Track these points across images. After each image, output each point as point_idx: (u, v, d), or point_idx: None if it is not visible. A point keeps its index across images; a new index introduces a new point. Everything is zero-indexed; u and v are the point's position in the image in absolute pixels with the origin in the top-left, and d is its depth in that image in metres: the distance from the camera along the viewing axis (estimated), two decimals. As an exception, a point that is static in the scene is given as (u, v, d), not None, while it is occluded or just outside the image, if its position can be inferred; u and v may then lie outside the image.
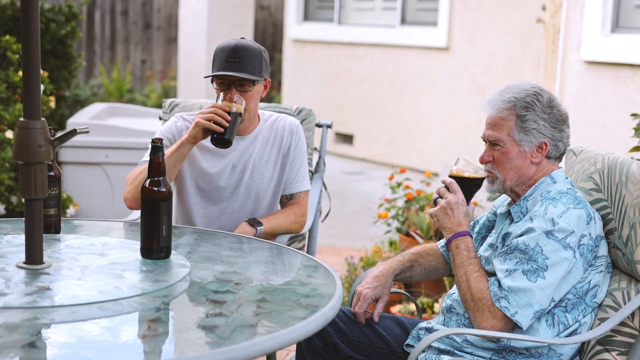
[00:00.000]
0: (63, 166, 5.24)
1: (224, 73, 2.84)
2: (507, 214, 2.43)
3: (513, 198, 2.41)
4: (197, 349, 1.71)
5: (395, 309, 3.96)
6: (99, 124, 5.33)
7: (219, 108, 2.80)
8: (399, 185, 4.82)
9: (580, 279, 2.26)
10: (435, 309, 3.92)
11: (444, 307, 2.47)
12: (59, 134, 2.21)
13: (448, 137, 8.10)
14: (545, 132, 2.33)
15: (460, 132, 7.95)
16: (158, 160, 2.23)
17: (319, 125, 3.52)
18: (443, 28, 8.11)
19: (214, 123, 2.77)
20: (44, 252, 2.15)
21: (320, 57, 9.54)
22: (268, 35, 12.23)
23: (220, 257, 2.37)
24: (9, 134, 4.51)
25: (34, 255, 2.11)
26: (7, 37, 4.81)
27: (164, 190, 2.22)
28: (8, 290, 1.95)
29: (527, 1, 7.30)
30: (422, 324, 2.46)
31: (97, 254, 2.28)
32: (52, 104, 5.01)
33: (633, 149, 3.21)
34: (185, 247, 2.46)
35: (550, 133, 2.33)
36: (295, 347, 2.60)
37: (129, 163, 4.97)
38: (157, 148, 2.24)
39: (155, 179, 2.22)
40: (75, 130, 2.24)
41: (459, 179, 2.42)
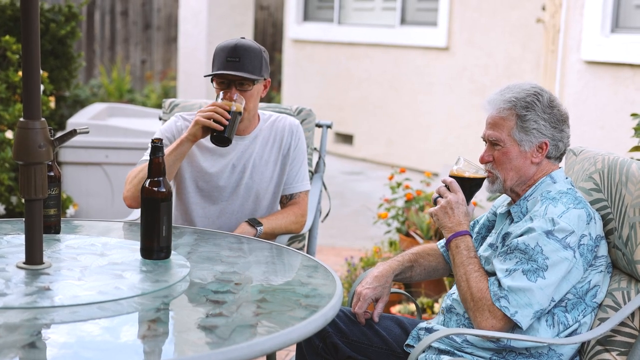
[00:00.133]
0: (63, 166, 5.24)
1: (224, 72, 2.84)
2: (507, 214, 2.43)
3: (513, 198, 2.41)
4: (197, 349, 1.71)
5: (395, 309, 3.95)
6: (98, 124, 5.33)
7: (218, 106, 2.80)
8: (398, 185, 4.82)
9: (580, 279, 2.26)
10: (435, 309, 3.92)
11: (443, 307, 2.46)
12: (59, 134, 2.21)
13: (448, 137, 8.10)
14: (545, 132, 2.33)
15: (460, 132, 7.95)
16: (158, 161, 2.23)
17: (318, 126, 3.52)
18: (443, 28, 8.11)
19: (213, 121, 2.77)
20: (44, 252, 2.15)
21: (320, 57, 9.54)
22: (268, 36, 12.23)
23: (220, 257, 2.37)
24: (9, 134, 4.50)
25: (34, 256, 2.11)
26: (7, 37, 4.80)
27: (163, 190, 2.22)
28: (8, 290, 1.95)
29: (527, 1, 7.30)
30: (422, 324, 2.46)
31: (97, 254, 2.28)
32: (52, 104, 5.01)
33: (633, 149, 3.21)
34: (185, 247, 2.45)
35: (551, 133, 2.33)
36: (295, 348, 2.59)
37: (128, 163, 4.97)
38: (157, 148, 2.24)
39: (155, 179, 2.22)
40: (75, 130, 2.24)
41: (459, 178, 2.42)
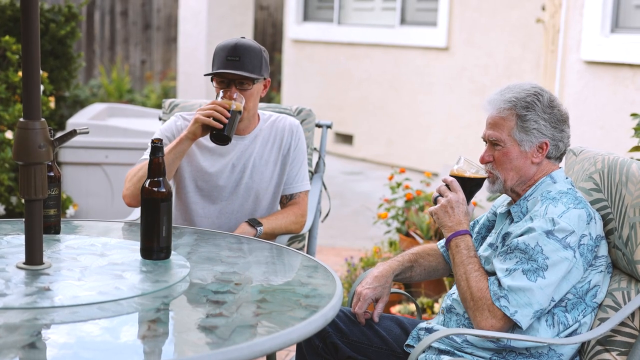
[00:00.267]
0: (63, 166, 5.24)
1: (224, 71, 2.84)
2: (507, 214, 2.43)
3: (513, 198, 2.41)
4: (197, 349, 1.71)
5: (395, 309, 3.95)
6: (98, 125, 5.32)
7: (218, 105, 2.80)
8: (398, 185, 4.82)
9: (580, 279, 2.26)
10: (435, 309, 3.92)
11: (443, 307, 2.46)
12: (59, 135, 2.21)
13: (448, 137, 8.10)
14: (545, 132, 2.33)
15: (460, 132, 7.95)
16: (158, 161, 2.23)
17: (318, 126, 3.51)
18: (443, 28, 8.11)
19: (213, 119, 2.77)
20: (44, 252, 2.15)
21: (320, 57, 9.54)
22: (268, 36, 12.23)
23: (220, 257, 2.37)
24: (9, 135, 4.50)
25: (33, 256, 2.11)
26: (7, 37, 4.80)
27: (163, 190, 2.22)
28: (8, 290, 1.95)
29: (526, 1, 7.30)
30: (422, 324, 2.46)
31: (97, 255, 2.28)
32: (52, 105, 5.01)
33: (633, 149, 3.21)
34: (185, 247, 2.45)
35: (551, 133, 2.33)
36: (295, 348, 2.59)
37: (128, 163, 4.96)
38: (156, 148, 2.23)
39: (155, 179, 2.22)
40: (75, 130, 2.24)
41: (460, 178, 2.42)
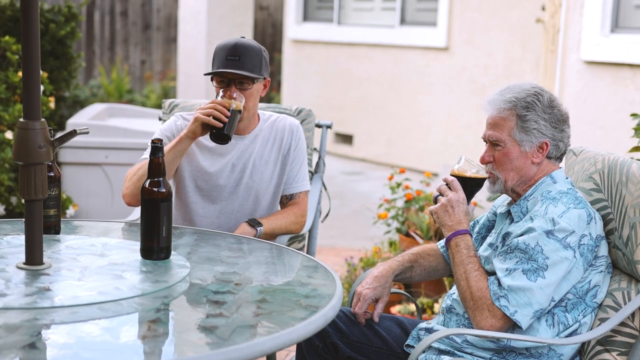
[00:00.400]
0: (63, 167, 5.24)
1: (224, 70, 2.84)
2: (507, 214, 2.43)
3: (514, 198, 2.41)
4: (197, 349, 1.71)
5: (395, 310, 3.95)
6: (98, 125, 5.32)
7: (218, 104, 2.80)
8: (398, 185, 4.82)
9: (581, 279, 2.26)
10: (435, 309, 3.92)
11: (443, 308, 2.46)
12: (59, 135, 2.21)
13: (448, 137, 8.10)
14: (546, 132, 2.32)
15: (460, 132, 7.95)
16: (158, 161, 2.23)
17: (318, 126, 3.51)
18: (442, 28, 8.11)
19: (213, 118, 2.77)
20: (44, 252, 2.15)
21: (319, 57, 9.54)
22: (267, 36, 12.23)
23: (220, 257, 2.37)
24: (9, 135, 4.50)
25: (33, 256, 2.11)
26: (7, 37, 4.80)
27: (163, 190, 2.22)
28: (8, 291, 1.95)
29: (526, 1, 7.30)
30: (422, 325, 2.46)
31: (97, 255, 2.28)
32: (52, 105, 5.01)
33: (633, 149, 3.21)
34: (185, 247, 2.45)
35: (551, 133, 2.33)
36: (295, 348, 2.59)
37: (128, 163, 4.95)
38: (156, 148, 2.23)
39: (155, 179, 2.22)
40: (75, 130, 2.24)
41: (460, 178, 2.42)
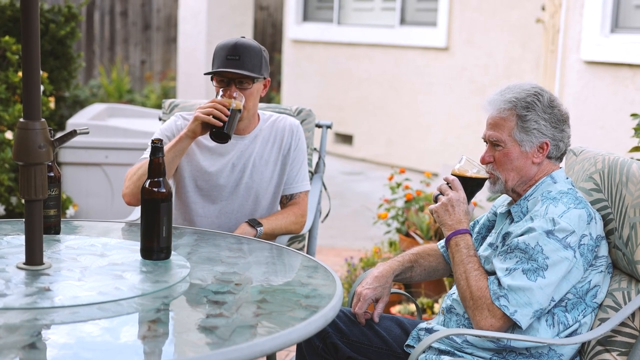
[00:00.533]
0: (63, 167, 5.23)
1: (224, 70, 2.84)
2: (507, 214, 2.43)
3: (514, 198, 2.41)
4: (197, 349, 1.71)
5: (395, 310, 3.95)
6: (98, 125, 5.32)
7: (218, 103, 2.80)
8: (398, 185, 4.82)
9: (581, 279, 2.26)
10: (435, 309, 3.92)
11: (443, 308, 2.46)
12: (59, 135, 2.21)
13: (448, 137, 8.10)
14: (546, 132, 2.32)
15: (460, 132, 7.95)
16: (158, 161, 2.23)
17: (318, 126, 3.51)
18: (442, 28, 8.11)
19: (213, 117, 2.78)
20: (44, 253, 2.15)
21: (319, 57, 9.54)
22: (267, 36, 12.23)
23: (220, 257, 2.37)
24: (9, 135, 4.50)
25: (34, 256, 2.11)
26: (7, 37, 4.80)
27: (163, 190, 2.22)
28: (8, 291, 1.95)
29: (526, 1, 7.30)
30: (422, 325, 2.46)
31: (97, 255, 2.28)
32: (52, 105, 5.00)
33: (633, 149, 3.21)
34: (185, 247, 2.45)
35: (551, 133, 2.33)
36: (296, 348, 2.59)
37: (128, 164, 4.95)
38: (156, 149, 2.23)
39: (155, 179, 2.22)
40: (75, 131, 2.24)
41: (461, 177, 2.42)
